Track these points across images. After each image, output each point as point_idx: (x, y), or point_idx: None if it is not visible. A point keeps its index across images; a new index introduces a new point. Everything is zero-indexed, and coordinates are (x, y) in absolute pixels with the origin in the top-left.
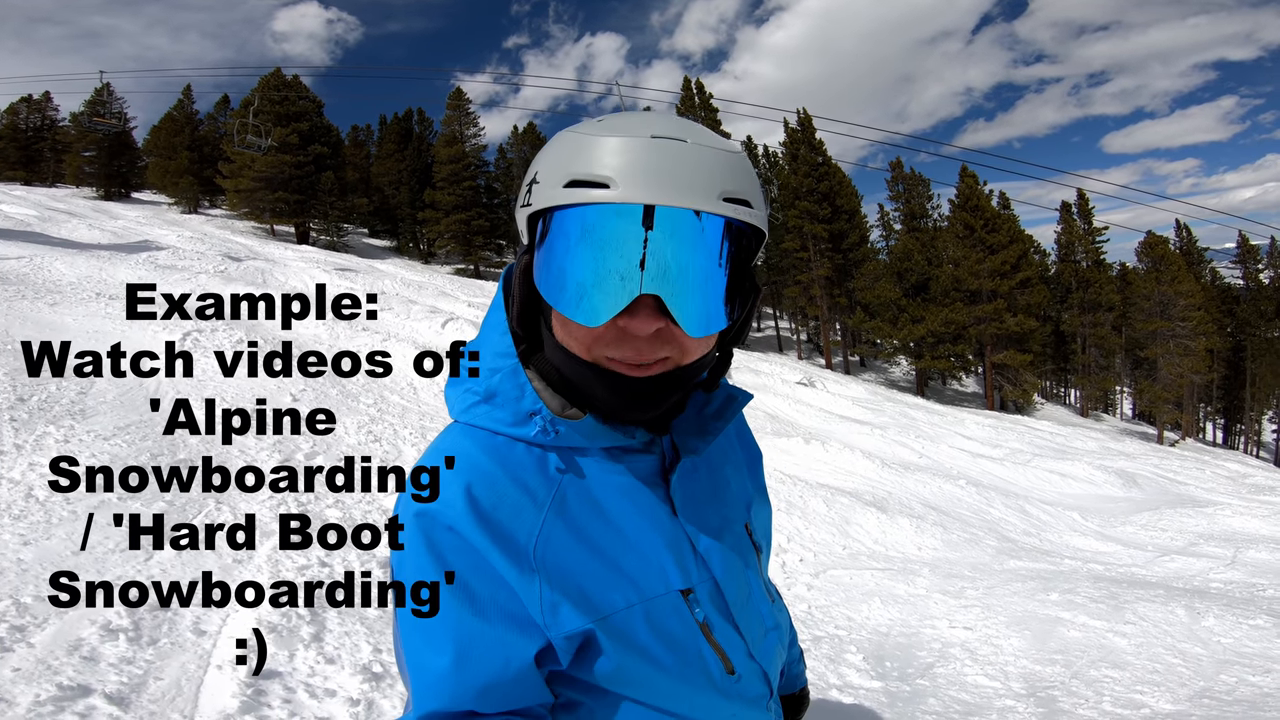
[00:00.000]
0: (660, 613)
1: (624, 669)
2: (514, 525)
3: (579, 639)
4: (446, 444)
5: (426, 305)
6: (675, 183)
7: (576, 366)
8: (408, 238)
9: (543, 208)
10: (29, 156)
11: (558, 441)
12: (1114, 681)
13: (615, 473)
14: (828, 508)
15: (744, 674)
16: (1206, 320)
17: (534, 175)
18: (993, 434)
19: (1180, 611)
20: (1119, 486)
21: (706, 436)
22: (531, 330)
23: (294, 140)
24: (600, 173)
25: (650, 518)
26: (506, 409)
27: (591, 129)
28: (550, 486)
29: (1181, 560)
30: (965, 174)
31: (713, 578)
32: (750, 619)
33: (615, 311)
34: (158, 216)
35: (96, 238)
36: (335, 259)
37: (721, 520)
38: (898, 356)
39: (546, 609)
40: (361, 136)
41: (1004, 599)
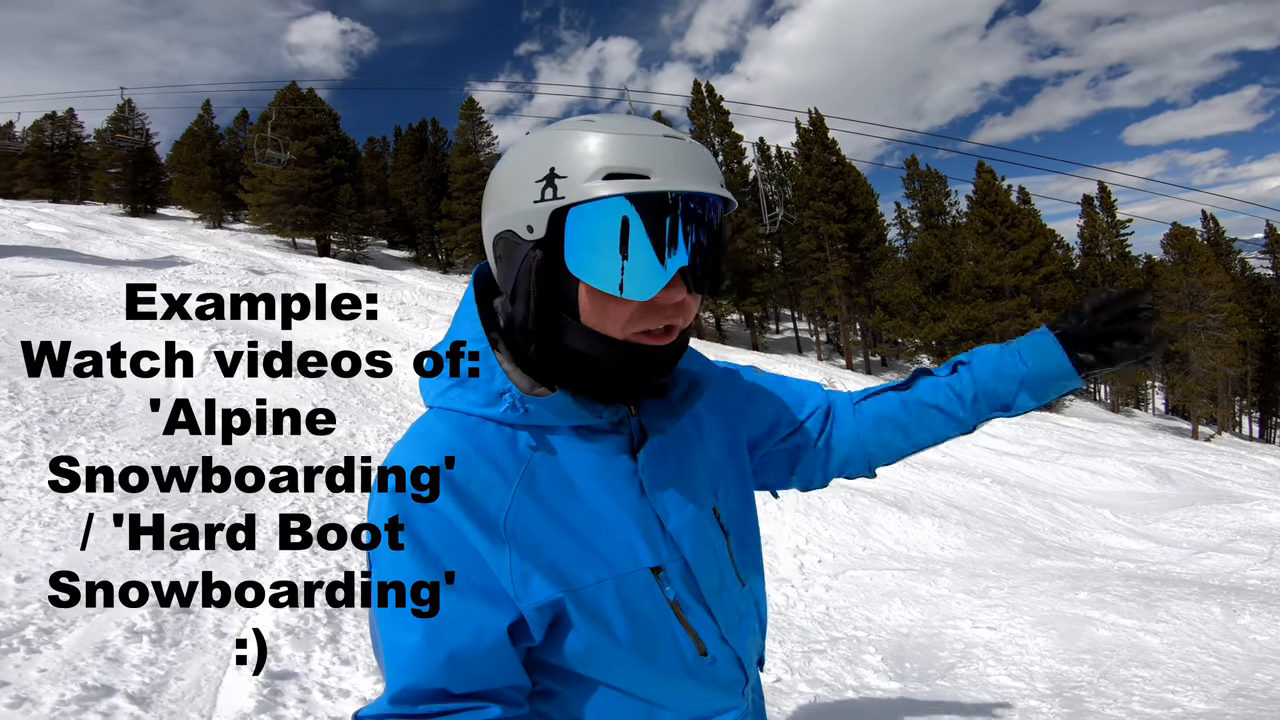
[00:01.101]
0: (631, 589)
1: (595, 648)
2: (485, 499)
3: (549, 611)
4: (421, 427)
5: (445, 315)
6: (699, 171)
7: (608, 347)
8: (426, 248)
9: (578, 200)
10: (56, 174)
11: (527, 420)
12: (1144, 681)
13: (585, 450)
14: (847, 508)
15: (717, 657)
16: (1238, 311)
17: (549, 171)
18: (1020, 431)
19: (1215, 609)
20: (1152, 483)
21: (673, 418)
22: (546, 323)
23: (312, 153)
24: (639, 165)
25: (619, 496)
26: (478, 390)
27: (607, 127)
28: (520, 464)
29: (1218, 557)
30: (982, 170)
31: (683, 557)
32: (723, 602)
33: (661, 286)
34: (183, 232)
35: (124, 254)
36: (356, 270)
37: (690, 501)
38: (919, 355)
39: (517, 579)
40: (378, 148)
41: (1030, 598)
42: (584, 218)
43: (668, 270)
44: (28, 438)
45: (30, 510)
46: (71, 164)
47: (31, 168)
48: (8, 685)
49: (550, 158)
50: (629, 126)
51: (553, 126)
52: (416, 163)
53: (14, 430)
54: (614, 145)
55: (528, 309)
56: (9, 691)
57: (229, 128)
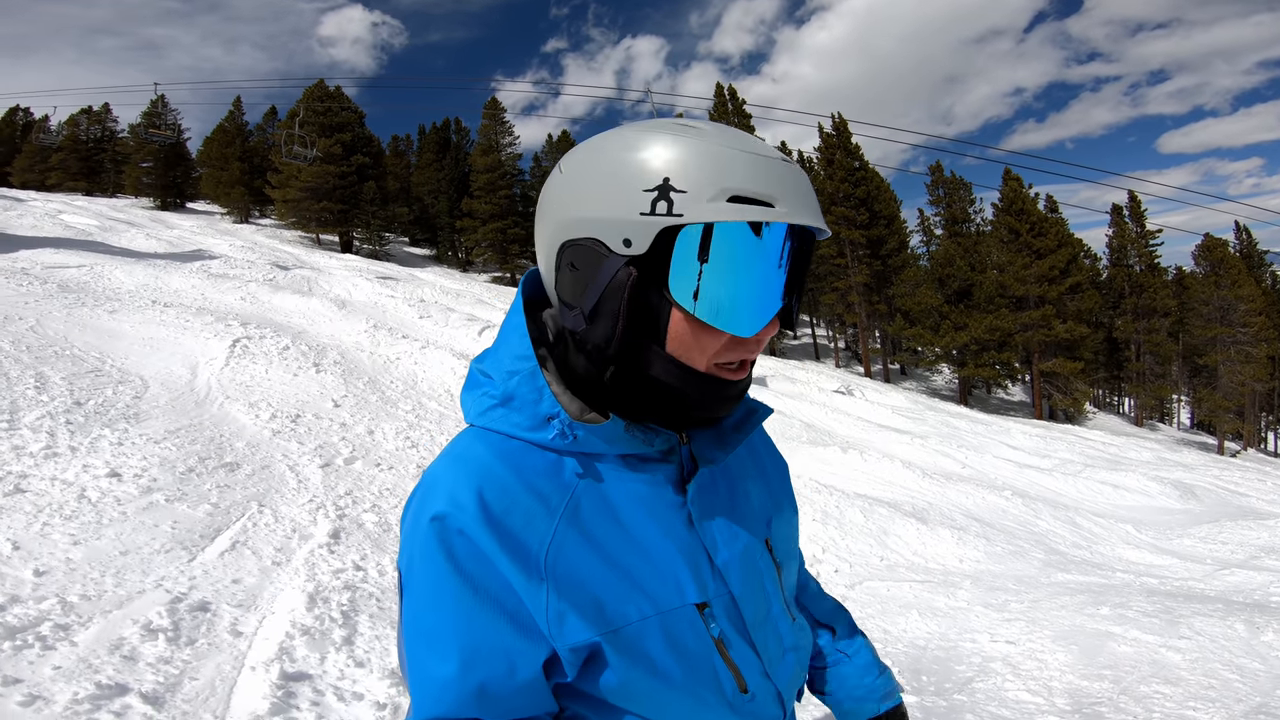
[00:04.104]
0: (674, 626)
1: (631, 683)
2: (525, 532)
3: (585, 651)
4: (460, 448)
5: (464, 313)
6: (813, 204)
7: (690, 378)
8: (446, 246)
9: (700, 221)
10: (90, 168)
11: (575, 446)
12: (1165, 698)
13: (632, 480)
14: (865, 518)
15: (757, 693)
16: (1268, 325)
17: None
18: (1041, 444)
19: (1239, 626)
20: (1176, 498)
21: (725, 448)
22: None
23: (337, 151)
24: (765, 191)
25: (666, 528)
26: (523, 412)
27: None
28: (564, 493)
29: (1242, 574)
30: (1009, 177)
31: (729, 592)
32: (768, 637)
33: (766, 321)
34: (211, 226)
35: (153, 247)
36: (377, 267)
37: (740, 534)
38: (940, 364)
39: (553, 619)
40: (402, 146)
41: (1050, 613)
42: (700, 241)
43: (773, 304)
44: (52, 429)
45: (52, 502)
46: (105, 158)
47: (66, 161)
48: (20, 682)
49: (664, 166)
50: (746, 144)
51: (652, 126)
52: (439, 161)
53: (39, 421)
54: (738, 164)
55: (613, 331)
56: (21, 689)
57: (258, 124)
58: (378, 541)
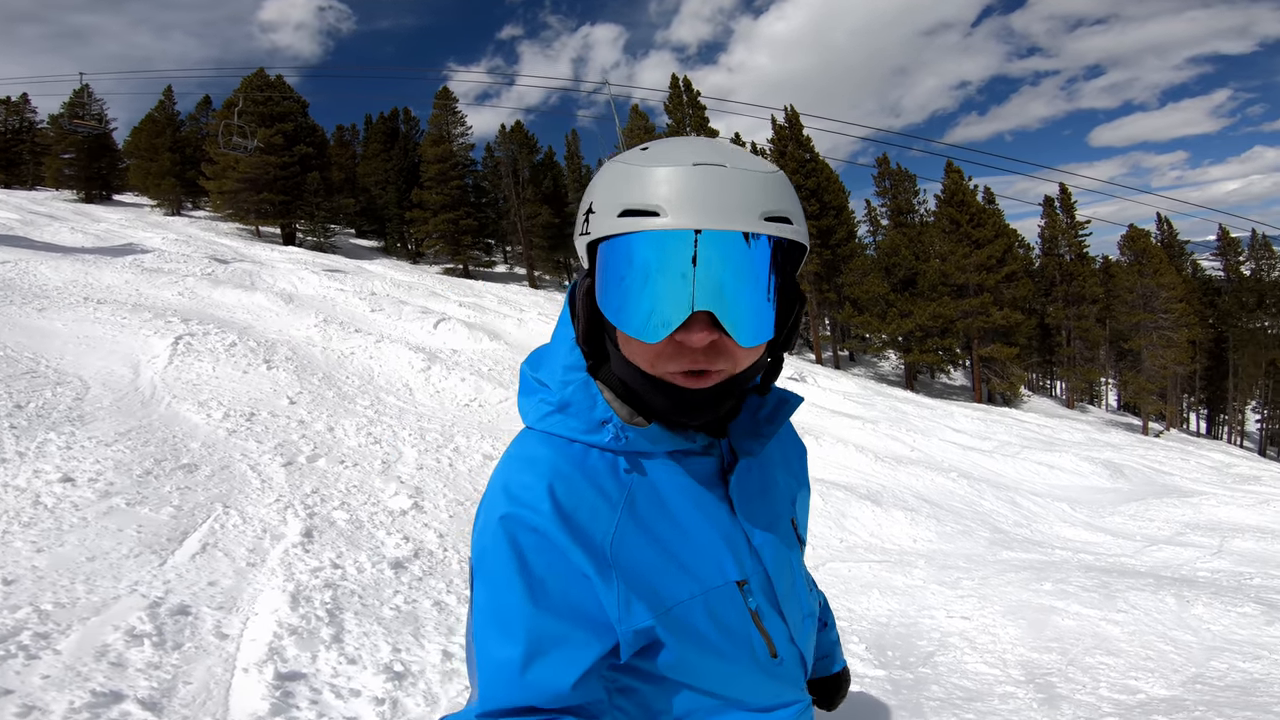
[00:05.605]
0: (718, 602)
1: (684, 658)
2: (592, 525)
3: (646, 634)
4: (527, 451)
5: (418, 306)
6: (720, 207)
7: (641, 380)
8: (395, 238)
9: (600, 236)
10: (8, 159)
11: (626, 446)
12: (1109, 668)
13: (678, 474)
14: (824, 501)
15: (785, 657)
16: (1189, 312)
17: (589, 205)
18: (982, 426)
19: (1170, 600)
20: (1106, 477)
21: (761, 439)
22: (597, 346)
23: (278, 141)
24: (650, 202)
25: (709, 516)
26: (580, 418)
27: (638, 159)
28: (622, 488)
29: (1169, 550)
30: (950, 169)
31: (764, 569)
32: (792, 606)
33: (670, 329)
34: (140, 219)
35: (80, 241)
36: (323, 260)
37: (772, 516)
38: (887, 351)
39: (621, 605)
40: (347, 136)
41: (999, 589)
42: (606, 254)
43: (676, 312)
44: None
45: (8, 509)
46: (24, 149)
47: None
48: (12, 693)
49: (593, 191)
50: (663, 156)
51: (622, 155)
52: (387, 151)
53: None
54: (633, 180)
55: (579, 330)
56: (14, 700)
57: (190, 114)
58: (351, 539)
